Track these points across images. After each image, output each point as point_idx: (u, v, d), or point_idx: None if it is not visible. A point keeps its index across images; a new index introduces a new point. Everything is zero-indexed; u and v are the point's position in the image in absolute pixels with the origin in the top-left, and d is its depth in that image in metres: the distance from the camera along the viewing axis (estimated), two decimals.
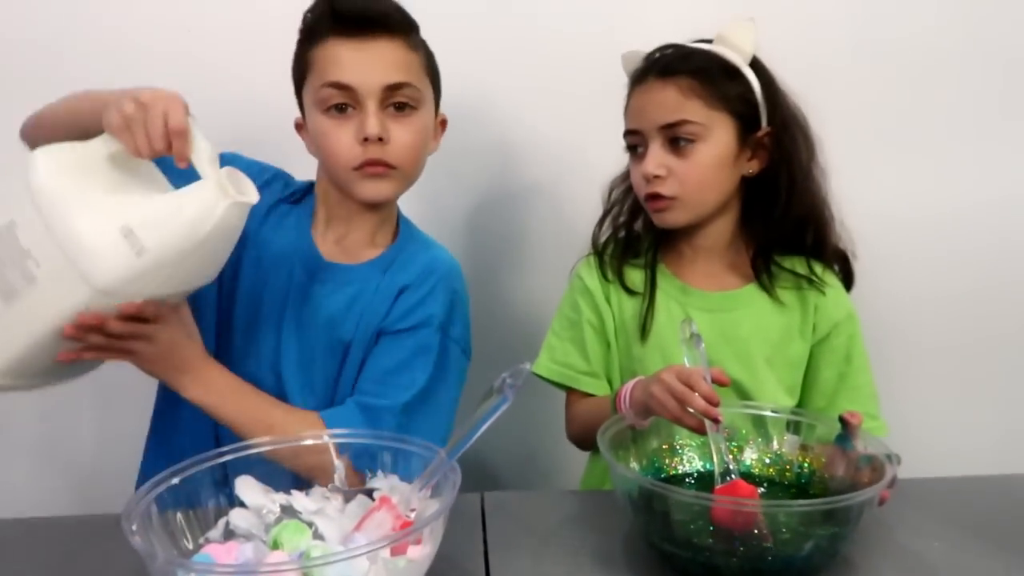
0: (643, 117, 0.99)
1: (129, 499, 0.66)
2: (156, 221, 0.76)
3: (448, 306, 1.01)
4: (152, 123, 0.77)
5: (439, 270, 1.02)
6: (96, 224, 0.75)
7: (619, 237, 1.10)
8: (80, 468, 1.38)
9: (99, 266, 0.75)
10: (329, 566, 0.60)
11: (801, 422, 0.88)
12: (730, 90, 0.98)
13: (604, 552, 0.80)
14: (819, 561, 0.71)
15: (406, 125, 0.96)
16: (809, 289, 1.03)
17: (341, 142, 0.95)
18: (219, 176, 0.78)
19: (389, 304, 1.00)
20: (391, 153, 0.95)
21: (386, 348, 0.99)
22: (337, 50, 0.94)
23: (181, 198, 0.78)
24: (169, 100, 0.78)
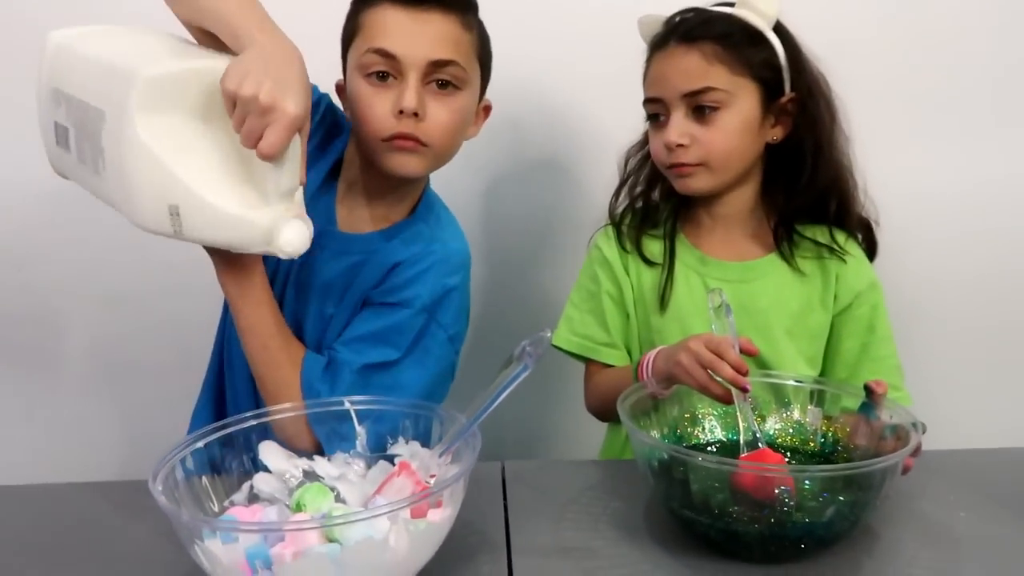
0: (665, 84, 0.97)
1: (156, 462, 0.67)
2: (200, 216, 0.73)
3: (437, 291, 0.97)
4: (251, 125, 0.70)
5: (437, 253, 0.99)
6: (151, 188, 0.72)
7: (636, 207, 1.09)
8: (128, 440, 1.41)
9: (138, 219, 0.75)
10: (350, 526, 0.60)
11: (825, 391, 0.87)
12: (754, 56, 0.96)
13: (624, 519, 0.80)
14: (840, 529, 0.71)
15: (445, 104, 0.93)
16: (831, 258, 1.02)
17: (376, 110, 0.92)
18: (278, 216, 0.73)
19: (380, 276, 0.98)
20: (424, 130, 0.92)
21: (366, 316, 0.97)
22: (388, 16, 0.91)
23: (231, 211, 0.73)
24: (283, 115, 0.69)
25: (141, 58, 0.73)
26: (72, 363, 1.40)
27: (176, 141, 0.71)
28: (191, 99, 0.72)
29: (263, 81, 0.68)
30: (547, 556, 0.74)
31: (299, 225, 0.74)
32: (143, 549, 0.75)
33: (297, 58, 0.73)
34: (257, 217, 0.72)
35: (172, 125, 0.71)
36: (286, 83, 0.69)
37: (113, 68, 0.73)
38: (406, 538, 0.63)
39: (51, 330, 1.39)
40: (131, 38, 0.81)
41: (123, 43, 0.79)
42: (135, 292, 1.34)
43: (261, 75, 0.68)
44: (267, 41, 0.72)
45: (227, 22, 0.74)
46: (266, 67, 0.69)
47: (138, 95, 0.70)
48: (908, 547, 0.75)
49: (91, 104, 0.75)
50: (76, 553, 0.76)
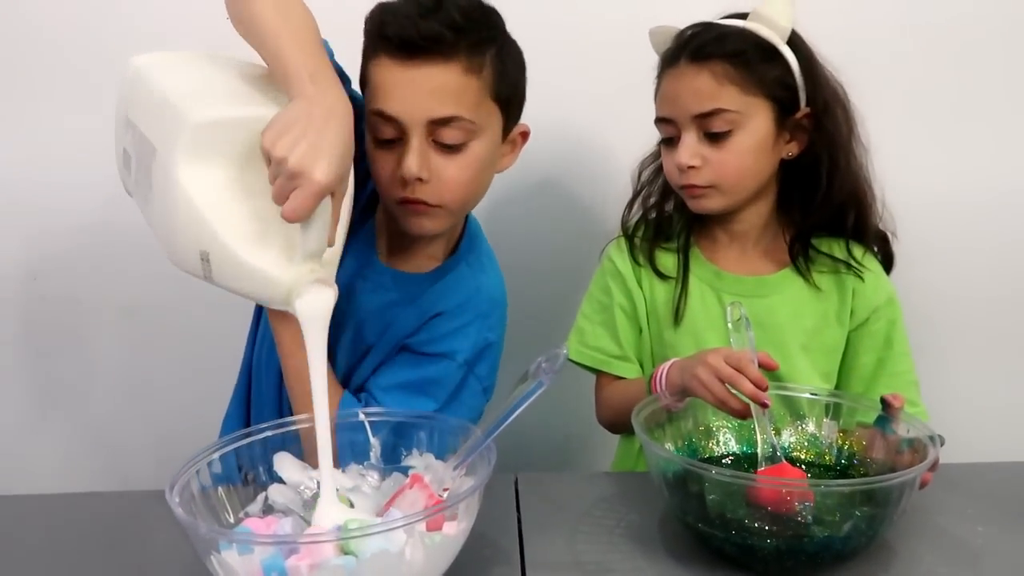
0: (676, 105, 0.96)
1: (172, 473, 0.68)
2: (227, 267, 0.72)
3: (479, 345, 0.97)
4: (280, 185, 0.66)
5: (480, 307, 0.97)
6: (187, 232, 0.72)
7: (650, 219, 1.08)
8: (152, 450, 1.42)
9: (173, 258, 0.76)
10: (367, 539, 0.60)
11: (840, 405, 0.87)
12: (767, 73, 0.94)
13: (639, 532, 0.80)
14: (857, 544, 0.70)
15: (454, 161, 0.87)
16: (847, 274, 1.01)
17: (383, 174, 0.89)
18: (300, 277, 0.70)
19: (420, 323, 0.96)
20: (433, 192, 0.87)
21: (406, 363, 0.96)
22: (385, 72, 0.85)
23: (255, 266, 0.71)
24: (309, 183, 0.65)
25: (195, 99, 0.73)
26: (92, 373, 1.40)
27: (216, 188, 0.71)
28: (237, 147, 0.71)
29: (298, 143, 0.65)
30: (561, 570, 0.74)
31: (319, 290, 0.71)
32: (163, 558, 0.76)
33: (342, 116, 0.69)
34: (279, 276, 0.71)
35: (215, 172, 0.71)
36: (321, 148, 0.65)
37: (168, 105, 0.72)
38: (421, 551, 0.63)
39: (71, 340, 1.40)
40: (201, 70, 0.80)
41: (190, 76, 0.78)
42: (155, 302, 1.35)
43: (299, 135, 0.65)
44: (315, 95, 0.69)
45: (282, 63, 0.72)
46: (306, 127, 0.66)
47: (184, 140, 0.70)
48: (925, 562, 0.75)
49: (147, 137, 0.75)
50: (96, 562, 0.76)
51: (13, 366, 1.40)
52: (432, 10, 0.84)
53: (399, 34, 0.83)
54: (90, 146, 1.26)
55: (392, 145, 0.87)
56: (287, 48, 0.72)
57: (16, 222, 1.33)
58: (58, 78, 1.29)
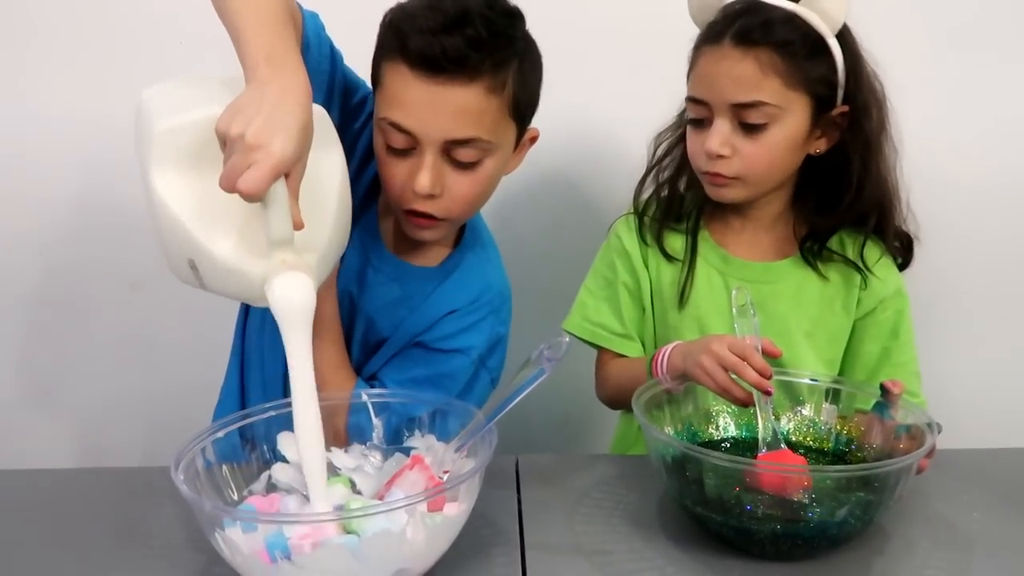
0: (713, 88, 0.92)
1: (178, 450, 0.68)
2: (211, 271, 0.71)
3: (491, 340, 0.98)
4: (232, 164, 0.62)
5: (492, 301, 0.99)
6: (173, 243, 0.71)
7: (661, 197, 1.06)
8: (151, 425, 1.43)
9: (172, 271, 0.75)
10: (368, 518, 0.61)
11: (840, 391, 0.88)
12: (813, 70, 0.90)
13: (637, 514, 0.81)
14: (853, 528, 0.71)
15: (467, 176, 0.87)
16: None
17: (393, 180, 0.87)
18: (272, 268, 0.67)
19: (433, 320, 0.97)
20: (442, 206, 0.87)
21: (419, 358, 0.96)
22: (405, 83, 0.82)
23: (230, 264, 0.69)
24: (267, 155, 0.61)
25: (164, 110, 0.71)
26: (94, 348, 1.41)
27: (187, 193, 0.69)
28: (199, 149, 0.69)
29: (253, 119, 0.62)
30: (560, 552, 0.74)
31: (293, 280, 0.66)
32: (165, 534, 0.77)
33: (299, 94, 0.66)
34: (250, 269, 0.68)
35: (184, 177, 0.69)
36: (278, 122, 0.62)
37: (147, 123, 0.71)
38: (423, 531, 0.63)
39: (73, 314, 1.40)
40: (192, 88, 0.77)
41: (172, 93, 0.76)
42: (157, 277, 1.34)
43: (253, 113, 0.62)
44: (271, 76, 0.66)
45: (240, 46, 0.69)
46: (260, 105, 0.63)
47: (152, 150, 0.69)
48: (921, 547, 0.75)
49: (140, 160, 0.74)
50: (98, 537, 0.77)
51: (19, 340, 1.41)
52: (457, 23, 0.81)
53: (422, 51, 0.80)
54: (97, 120, 1.28)
55: (404, 154, 0.86)
56: (247, 29, 0.69)
57: (22, 195, 1.33)
58: (66, 52, 1.28)
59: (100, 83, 1.28)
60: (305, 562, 0.60)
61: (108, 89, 1.23)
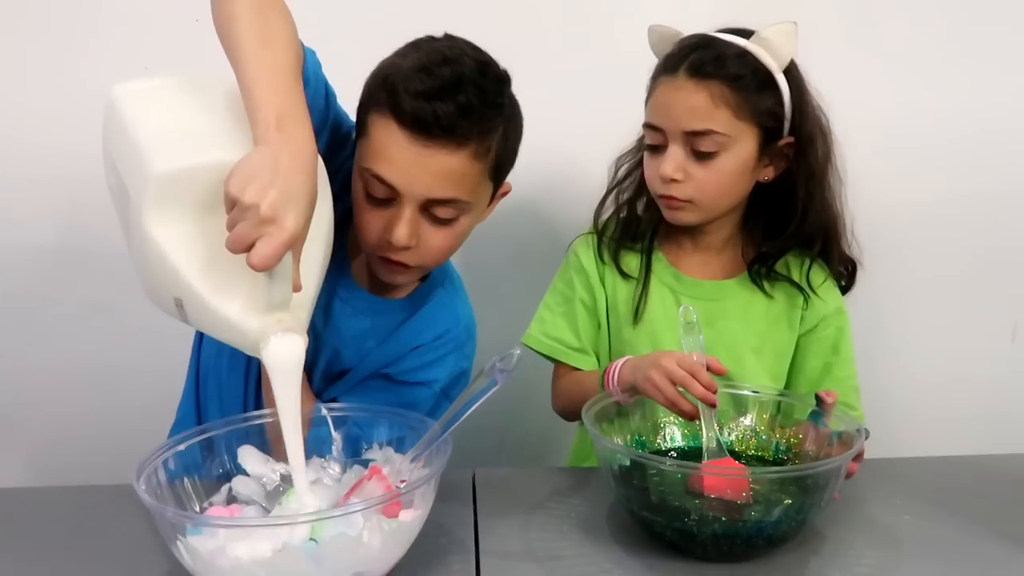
0: (668, 116, 0.97)
1: (139, 462, 0.70)
2: (199, 313, 0.72)
3: (453, 374, 1.01)
4: (241, 231, 0.63)
5: (458, 337, 1.01)
6: (160, 279, 0.71)
7: (620, 217, 1.10)
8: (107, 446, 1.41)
9: (151, 300, 0.76)
10: (327, 524, 0.64)
11: (780, 402, 0.92)
12: (761, 103, 0.96)
13: (588, 521, 0.84)
14: (789, 528, 0.75)
15: (442, 231, 0.89)
16: None
17: (370, 227, 0.89)
18: (267, 327, 0.69)
19: (399, 354, 0.99)
20: (416, 256, 0.90)
21: (382, 388, 0.98)
22: (392, 139, 0.84)
23: (225, 315, 0.70)
24: (280, 231, 0.63)
25: (159, 145, 0.71)
26: (51, 370, 1.40)
27: (183, 239, 0.70)
28: (201, 195, 0.70)
29: (267, 190, 0.63)
30: (514, 558, 0.77)
31: (288, 341, 0.69)
32: (122, 551, 0.78)
33: (309, 165, 0.68)
34: (248, 326, 0.70)
35: (182, 222, 0.70)
36: (292, 196, 0.64)
37: (136, 150, 0.71)
38: (379, 536, 0.66)
39: (30, 336, 1.40)
40: (175, 105, 0.77)
41: (160, 114, 0.76)
42: (115, 299, 1.35)
43: (266, 183, 0.63)
44: (281, 142, 0.67)
45: (251, 101, 0.70)
46: (274, 174, 0.64)
47: (149, 191, 0.69)
48: (854, 547, 0.79)
49: (123, 181, 0.74)
50: (55, 555, 0.78)
51: None
52: (449, 91, 0.83)
53: (414, 113, 0.82)
54: (57, 138, 1.28)
55: (383, 203, 0.87)
56: (258, 85, 0.70)
57: None
58: (29, 63, 1.29)
59: (63, 98, 1.28)
60: (264, 566, 0.62)
61: (71, 110, 1.23)
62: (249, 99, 0.70)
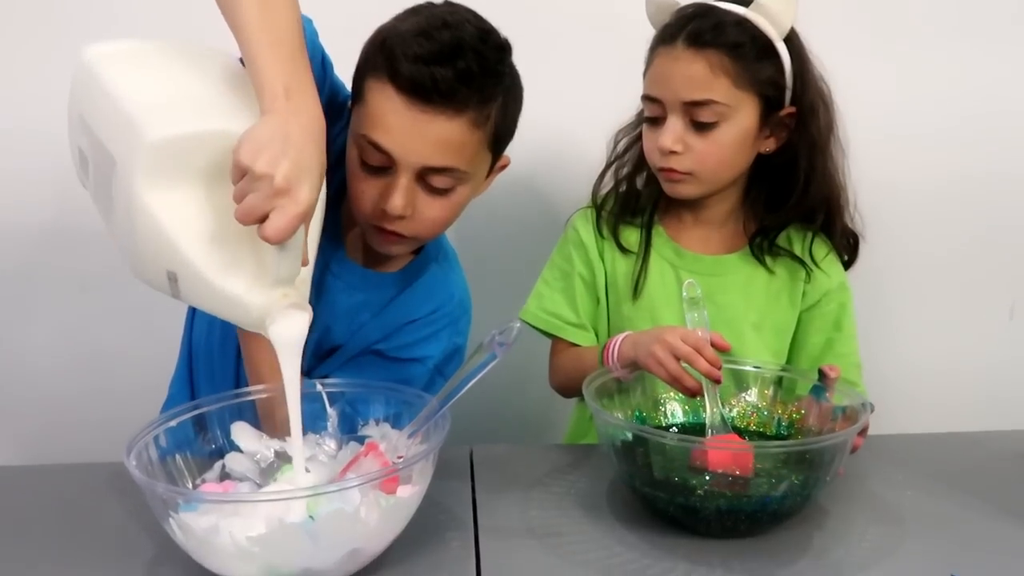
0: (666, 87, 0.95)
1: (130, 438, 0.68)
2: (195, 288, 0.69)
3: (448, 350, 0.99)
4: (253, 203, 0.62)
5: (452, 313, 1.00)
6: (152, 252, 0.68)
7: (619, 192, 1.09)
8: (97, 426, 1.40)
9: (139, 276, 0.72)
10: (324, 500, 0.62)
11: (783, 378, 0.91)
12: (761, 72, 0.94)
13: (587, 498, 0.83)
14: (793, 504, 0.74)
15: (439, 202, 0.87)
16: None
17: (364, 196, 0.87)
18: (273, 302, 0.67)
19: (392, 329, 0.97)
20: (410, 227, 0.87)
21: (375, 365, 0.96)
22: (389, 105, 0.82)
23: (226, 290, 0.67)
24: (294, 203, 0.61)
25: (153, 111, 0.68)
26: (42, 348, 1.38)
27: (182, 209, 0.67)
28: (200, 164, 0.67)
29: (280, 161, 0.61)
30: (513, 535, 0.76)
31: (294, 316, 0.68)
32: (114, 530, 0.76)
33: (319, 135, 0.67)
34: (251, 301, 0.67)
35: (179, 191, 0.67)
36: (305, 167, 0.63)
37: (124, 117, 0.67)
38: (376, 512, 0.64)
39: (20, 314, 1.37)
40: (160, 69, 0.74)
41: (146, 79, 0.72)
42: (106, 277, 1.32)
43: (278, 153, 0.62)
44: (290, 111, 0.65)
45: (256, 70, 0.67)
46: (286, 144, 0.62)
47: (144, 159, 0.66)
48: (857, 523, 0.79)
49: (106, 146, 0.70)
50: (45, 535, 0.76)
51: None
52: (450, 55, 0.80)
53: (412, 78, 0.80)
54: (44, 116, 1.24)
55: (378, 171, 0.85)
56: (263, 54, 0.67)
57: None
58: (15, 49, 1.26)
59: (46, 78, 1.25)
60: (260, 542, 0.60)
61: (58, 86, 1.21)
62: (253, 67, 0.68)
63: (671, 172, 0.98)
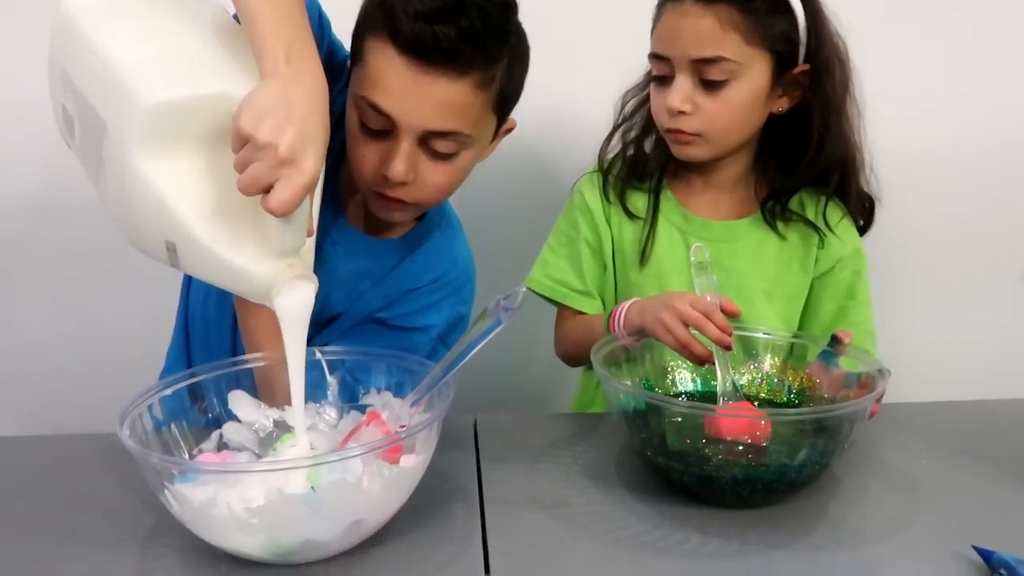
0: (674, 44, 0.91)
1: (123, 408, 0.66)
2: (196, 258, 0.65)
3: (451, 319, 0.96)
4: (256, 173, 0.59)
5: (455, 281, 0.97)
6: (149, 221, 0.65)
7: (627, 155, 1.05)
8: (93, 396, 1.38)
9: (135, 245, 0.69)
10: (325, 470, 0.60)
11: (793, 344, 0.89)
12: (773, 27, 0.90)
13: (596, 468, 0.81)
14: (811, 472, 0.72)
15: (442, 167, 0.84)
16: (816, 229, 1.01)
17: (364, 161, 0.83)
18: (278, 273, 0.65)
19: (394, 297, 0.94)
20: (413, 193, 0.84)
21: (376, 333, 0.93)
22: (389, 66, 0.78)
23: (228, 261, 0.65)
24: (300, 173, 0.59)
25: (146, 72, 0.64)
26: (36, 319, 1.36)
27: (180, 177, 0.64)
28: (199, 129, 0.64)
29: (284, 128, 0.59)
30: (519, 505, 0.74)
31: (300, 288, 0.66)
32: (109, 502, 0.74)
33: (322, 101, 0.64)
34: (255, 272, 0.65)
35: (177, 158, 0.63)
36: (309, 135, 0.60)
37: (115, 77, 0.63)
38: (379, 482, 0.62)
39: (12, 283, 1.35)
40: (146, 21, 0.69)
41: (134, 30, 0.68)
42: (98, 244, 1.28)
43: (282, 120, 0.59)
44: (292, 75, 0.63)
45: (256, 32, 0.64)
46: (289, 111, 0.60)
47: (139, 124, 0.62)
48: (872, 492, 0.77)
49: (95, 109, 0.66)
50: (40, 508, 0.74)
51: None
52: (452, 12, 0.77)
53: (413, 36, 0.76)
54: (31, 81, 1.21)
55: (378, 135, 0.82)
56: (263, 14, 0.64)
57: None
58: None
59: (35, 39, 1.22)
60: (259, 513, 0.58)
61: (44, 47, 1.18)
62: (252, 27, 0.65)
63: (679, 133, 0.95)
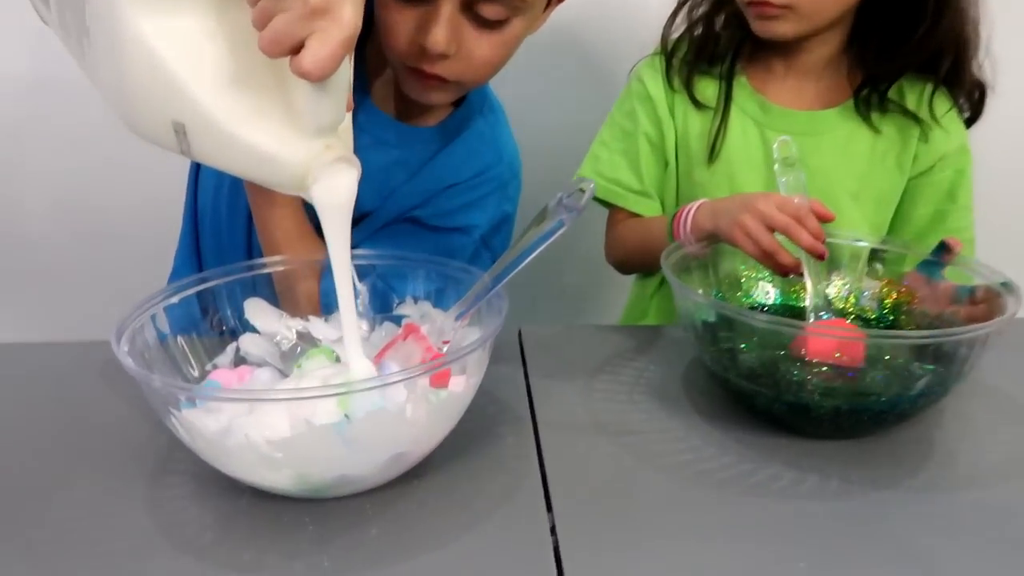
0: None
1: (120, 319, 0.56)
2: (212, 142, 0.53)
3: (495, 219, 0.87)
4: (284, 26, 0.46)
5: (500, 176, 0.87)
6: (151, 98, 0.53)
7: (694, 35, 0.93)
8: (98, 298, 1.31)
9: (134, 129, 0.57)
10: (361, 397, 0.50)
11: (887, 253, 0.77)
12: None
13: (662, 389, 0.72)
14: (927, 403, 0.62)
15: (488, 39, 0.73)
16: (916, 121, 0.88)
17: (399, 29, 0.72)
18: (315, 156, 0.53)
19: (430, 193, 0.85)
20: (455, 69, 0.73)
21: (411, 234, 0.85)
22: None
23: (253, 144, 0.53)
24: (337, 25, 0.45)
25: None
26: (28, 212, 1.28)
27: (184, 37, 0.52)
28: None
29: None
30: (578, 430, 0.65)
31: (342, 172, 0.54)
32: (114, 421, 0.65)
33: None
34: (288, 156, 0.53)
35: (184, 19, 0.52)
36: None
37: None
38: (425, 409, 0.53)
39: (8, 177, 1.26)
40: None
41: None
42: (100, 132, 1.19)
43: None
44: None
45: None
46: None
47: None
48: (981, 422, 0.68)
49: None
50: (36, 423, 0.66)
51: None
52: None
53: None
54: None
55: (414, 1, 0.70)
56: None
57: None
58: None
59: None
60: (283, 447, 0.49)
61: None
62: None
63: (765, 5, 0.82)
